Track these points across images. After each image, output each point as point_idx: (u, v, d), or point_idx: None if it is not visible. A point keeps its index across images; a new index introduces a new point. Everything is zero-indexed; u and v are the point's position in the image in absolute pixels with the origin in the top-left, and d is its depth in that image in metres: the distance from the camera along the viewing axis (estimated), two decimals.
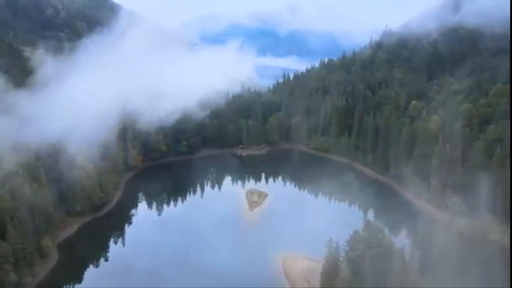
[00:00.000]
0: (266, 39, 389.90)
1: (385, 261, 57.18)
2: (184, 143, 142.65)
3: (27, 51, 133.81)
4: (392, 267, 56.26)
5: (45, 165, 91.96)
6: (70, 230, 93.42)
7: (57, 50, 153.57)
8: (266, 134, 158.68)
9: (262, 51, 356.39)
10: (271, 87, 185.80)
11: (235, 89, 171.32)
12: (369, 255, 58.87)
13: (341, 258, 65.72)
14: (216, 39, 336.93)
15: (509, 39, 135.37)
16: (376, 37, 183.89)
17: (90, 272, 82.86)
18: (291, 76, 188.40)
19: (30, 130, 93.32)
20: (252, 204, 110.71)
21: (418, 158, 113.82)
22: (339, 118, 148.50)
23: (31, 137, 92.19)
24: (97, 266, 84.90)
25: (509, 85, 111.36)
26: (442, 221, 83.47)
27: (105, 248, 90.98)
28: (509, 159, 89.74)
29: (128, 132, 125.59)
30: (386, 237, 61.75)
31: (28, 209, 78.57)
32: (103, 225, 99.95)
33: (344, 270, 60.49)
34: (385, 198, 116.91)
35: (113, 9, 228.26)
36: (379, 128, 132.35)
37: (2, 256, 68.25)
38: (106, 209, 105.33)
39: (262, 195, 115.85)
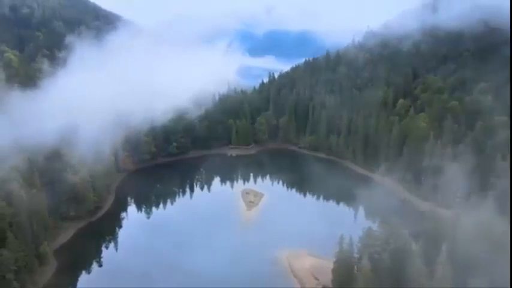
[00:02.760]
0: (243, 39, 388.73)
1: (404, 257, 58.30)
2: (174, 144, 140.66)
3: (7, 52, 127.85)
4: (412, 262, 57.37)
5: (38, 169, 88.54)
6: (66, 235, 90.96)
7: (37, 49, 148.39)
8: (255, 134, 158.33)
9: (241, 52, 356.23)
10: (256, 87, 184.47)
11: (221, 89, 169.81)
12: (388, 251, 59.90)
13: (355, 255, 66.50)
14: (196, 39, 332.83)
15: (487, 40, 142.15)
16: (357, 37, 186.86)
17: (89, 278, 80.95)
18: (276, 76, 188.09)
19: (20, 133, 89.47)
20: (249, 204, 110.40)
21: (409, 155, 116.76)
22: (328, 117, 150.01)
23: (21, 140, 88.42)
24: (95, 272, 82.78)
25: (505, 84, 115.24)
26: (440, 216, 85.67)
27: (102, 254, 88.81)
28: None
29: (118, 135, 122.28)
30: (401, 233, 62.85)
31: (26, 215, 75.39)
32: (98, 230, 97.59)
33: (360, 267, 61.12)
34: (377, 196, 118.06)
35: (90, 9, 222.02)
36: (368, 126, 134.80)
37: (4, 265, 65.23)
38: (100, 213, 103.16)
39: (258, 195, 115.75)
